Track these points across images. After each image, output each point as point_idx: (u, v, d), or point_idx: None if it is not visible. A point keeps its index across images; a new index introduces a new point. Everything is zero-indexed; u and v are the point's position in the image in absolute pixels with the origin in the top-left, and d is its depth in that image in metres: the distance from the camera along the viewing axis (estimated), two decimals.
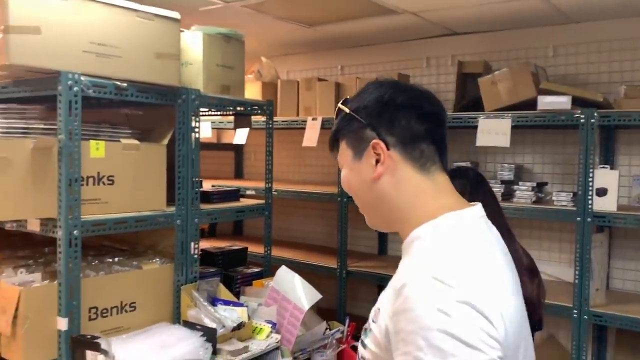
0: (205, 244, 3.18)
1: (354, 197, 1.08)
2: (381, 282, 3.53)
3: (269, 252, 2.78)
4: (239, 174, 4.73)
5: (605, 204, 2.61)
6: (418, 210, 1.00)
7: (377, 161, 1.01)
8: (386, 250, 3.94)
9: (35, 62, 1.83)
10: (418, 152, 1.02)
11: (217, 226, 4.54)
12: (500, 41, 3.38)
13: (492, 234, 1.03)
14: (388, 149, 1.01)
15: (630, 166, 3.01)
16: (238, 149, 4.67)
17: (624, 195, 2.95)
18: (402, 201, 1.02)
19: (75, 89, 1.88)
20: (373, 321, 0.96)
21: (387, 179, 1.02)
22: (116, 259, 2.27)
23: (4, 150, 1.82)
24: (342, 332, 2.47)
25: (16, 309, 1.84)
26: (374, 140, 1.01)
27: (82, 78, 1.90)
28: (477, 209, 1.02)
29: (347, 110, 1.06)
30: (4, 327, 1.86)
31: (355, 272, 3.48)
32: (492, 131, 2.81)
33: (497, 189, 3.00)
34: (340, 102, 1.09)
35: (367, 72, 3.92)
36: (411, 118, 1.02)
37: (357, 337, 2.56)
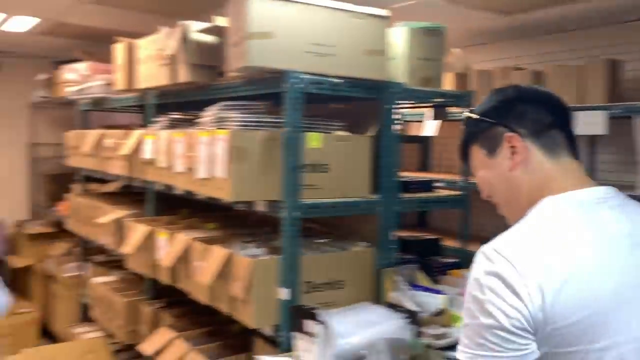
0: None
1: (493, 196, 1.18)
2: None
3: (464, 247, 2.80)
4: (424, 166, 4.78)
5: None
6: (544, 193, 1.08)
7: (513, 153, 1.12)
8: None
9: (268, 63, 2.09)
10: (550, 140, 1.12)
11: (403, 217, 4.64)
12: None
13: (611, 215, 1.06)
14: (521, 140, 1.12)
15: None
16: (425, 141, 4.71)
17: None
18: (534, 186, 1.10)
19: (299, 86, 2.10)
20: None
21: (522, 168, 1.12)
22: (324, 241, 2.48)
23: (242, 141, 2.11)
24: None
25: (248, 278, 2.13)
26: (508, 134, 1.12)
27: (304, 76, 2.12)
28: (597, 191, 1.08)
29: (475, 116, 1.18)
30: (238, 292, 2.16)
31: None
32: None
33: None
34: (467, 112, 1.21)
35: (570, 59, 3.68)
36: (540, 110, 1.13)
37: None
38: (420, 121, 4.18)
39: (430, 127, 3.85)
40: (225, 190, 2.13)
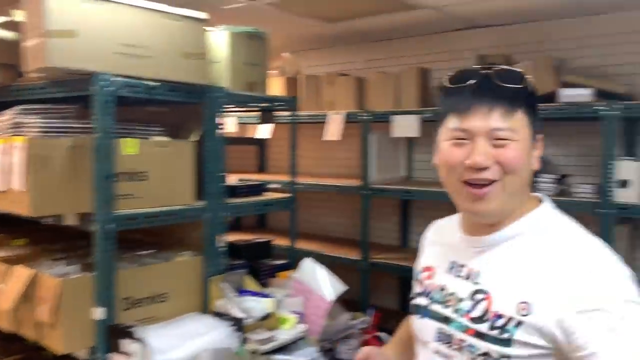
0: (230, 237, 3.26)
1: (514, 176, 1.02)
2: (403, 274, 3.58)
3: (293, 245, 2.85)
4: (262, 168, 4.81)
5: (627, 196, 2.62)
6: (527, 201, 1.09)
7: (536, 153, 1.08)
8: (407, 242, 3.98)
9: (71, 64, 1.92)
10: None
11: (242, 219, 4.63)
12: (521, 34, 3.38)
13: None
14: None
15: None
16: (262, 143, 4.74)
17: None
18: (527, 188, 1.09)
19: (109, 89, 1.96)
20: (523, 315, 0.96)
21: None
22: (147, 252, 2.36)
23: (44, 149, 1.91)
24: (367, 323, 2.53)
25: (56, 300, 1.94)
26: (541, 135, 1.08)
27: (115, 78, 1.99)
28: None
29: (532, 90, 1.06)
30: (45, 316, 1.96)
31: (378, 263, 3.54)
32: None
33: None
34: (522, 71, 1.05)
35: (389, 66, 3.95)
36: None
37: (381, 328, 2.62)
38: (258, 123, 4.20)
39: (264, 130, 3.88)
40: (24, 204, 1.91)
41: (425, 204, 3.81)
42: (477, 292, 1.05)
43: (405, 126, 3.30)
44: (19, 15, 2.23)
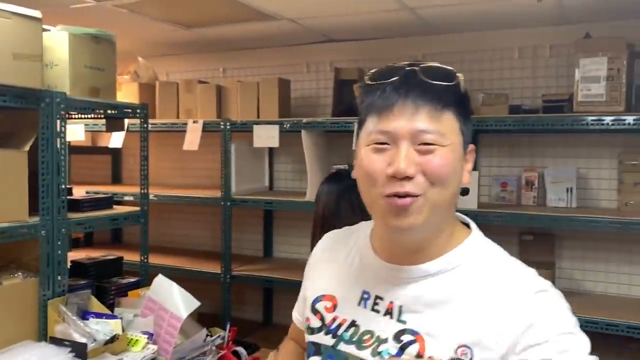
0: (79, 254, 3.01)
1: (442, 187, 0.87)
2: (267, 285, 3.56)
3: (146, 260, 2.70)
4: (117, 179, 4.53)
5: (467, 203, 2.84)
6: (454, 223, 0.96)
7: (467, 166, 0.94)
8: (272, 252, 3.97)
9: None
10: None
11: (94, 234, 4.31)
12: (373, 49, 3.55)
13: None
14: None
15: (491, 167, 3.30)
16: (116, 153, 4.46)
17: (485, 194, 3.23)
18: (453, 210, 0.95)
19: None
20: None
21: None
22: None
23: None
24: (223, 338, 2.46)
25: None
26: (472, 145, 0.95)
27: None
28: None
29: (463, 91, 0.92)
30: None
31: (239, 276, 3.48)
32: None
33: None
34: (453, 68, 0.92)
35: (249, 75, 3.93)
36: None
37: (238, 342, 2.56)
38: (107, 132, 3.94)
39: (116, 139, 3.65)
40: None
41: (288, 214, 3.83)
42: (403, 332, 0.89)
43: (266, 136, 3.29)
44: None
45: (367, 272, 0.98)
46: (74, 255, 2.83)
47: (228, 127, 3.41)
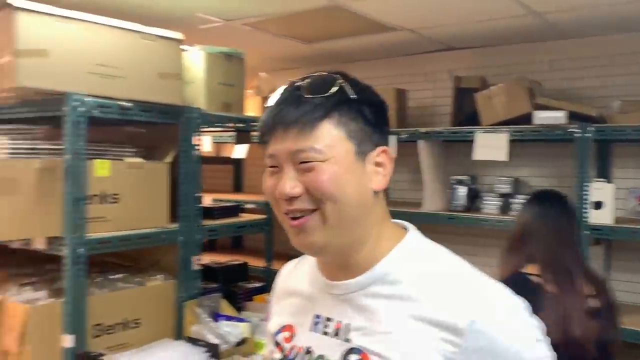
0: (205, 258, 3.20)
1: (333, 203, 0.85)
2: None
3: (269, 266, 2.81)
4: (238, 187, 4.76)
5: (601, 217, 2.64)
6: (383, 228, 0.92)
7: (379, 168, 0.89)
8: None
9: (43, 84, 1.88)
10: None
11: (217, 240, 4.56)
12: (496, 56, 3.43)
13: None
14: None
15: (626, 179, 3.05)
16: (237, 163, 4.70)
17: (620, 207, 2.99)
18: (375, 220, 0.91)
19: (81, 109, 1.92)
20: None
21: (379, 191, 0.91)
22: (120, 276, 2.29)
23: (11, 171, 1.85)
24: None
25: (23, 327, 1.87)
26: (383, 148, 0.90)
27: (88, 99, 1.94)
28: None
29: (353, 96, 0.88)
30: (10, 345, 1.88)
31: None
32: (489, 145, 2.85)
33: (495, 202, 3.04)
34: (338, 77, 0.90)
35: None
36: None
37: None
38: (232, 143, 4.17)
39: (240, 150, 3.84)
40: None
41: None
42: (350, 351, 0.86)
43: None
44: None
45: (317, 294, 0.96)
46: (202, 259, 3.02)
47: None
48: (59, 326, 1.92)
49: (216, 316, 2.34)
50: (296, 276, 1.05)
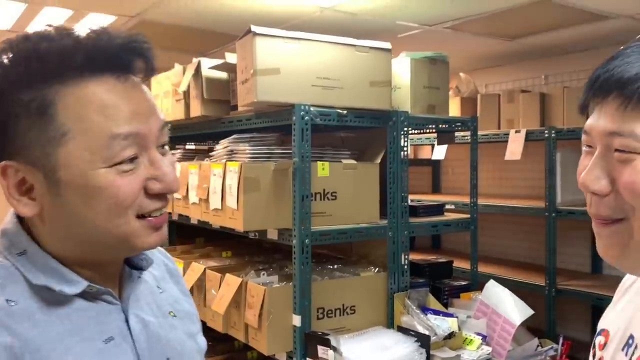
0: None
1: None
2: (596, 303, 3.31)
3: (475, 266, 2.83)
4: (436, 189, 4.82)
5: None
6: None
7: None
8: (601, 269, 3.67)
9: (276, 97, 2.19)
10: None
11: (416, 240, 4.68)
12: None
13: None
14: None
15: None
16: (435, 164, 4.76)
17: None
18: None
19: (307, 118, 2.19)
20: None
21: None
22: (337, 266, 2.53)
23: (253, 172, 2.19)
24: (556, 350, 2.41)
25: (261, 306, 2.19)
26: None
27: (312, 109, 2.20)
28: None
29: None
30: (252, 320, 2.22)
31: (565, 290, 3.33)
32: None
33: None
34: None
35: (574, 79, 3.73)
36: None
37: (571, 357, 2.46)
38: (431, 145, 4.26)
39: (439, 151, 3.91)
40: (238, 220, 2.20)
41: None
42: None
43: None
44: (231, 57, 2.59)
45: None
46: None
47: (553, 135, 3.31)
48: (289, 307, 2.21)
49: (424, 309, 2.44)
50: None
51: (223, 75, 2.67)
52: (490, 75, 4.33)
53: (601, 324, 0.86)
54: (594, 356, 0.83)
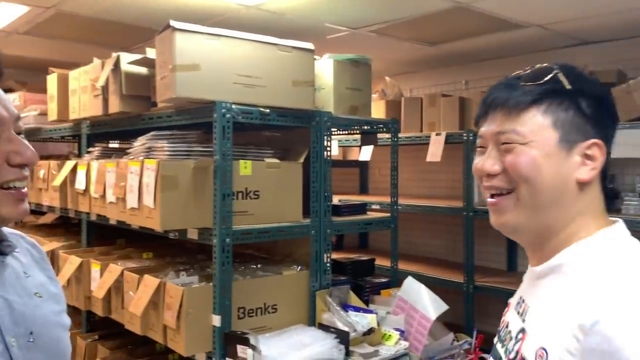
0: (334, 255, 3.37)
1: (528, 185, 0.89)
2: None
3: (395, 264, 2.90)
4: (363, 189, 4.91)
5: None
6: (586, 221, 0.91)
7: (587, 160, 0.90)
8: (516, 266, 3.86)
9: (196, 94, 2.15)
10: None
11: (344, 239, 4.75)
12: (634, 48, 3.22)
13: None
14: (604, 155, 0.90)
15: None
16: (362, 166, 4.85)
17: None
18: (577, 211, 0.91)
19: (228, 116, 2.17)
20: None
21: (588, 183, 0.90)
22: (259, 265, 2.52)
23: (172, 170, 2.15)
24: (470, 344, 2.51)
25: (180, 306, 2.15)
26: (595, 141, 0.90)
27: (233, 106, 2.19)
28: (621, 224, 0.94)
29: (567, 87, 0.91)
30: (170, 321, 2.17)
31: (483, 287, 3.47)
32: (628, 142, 2.70)
33: (636, 203, 2.86)
34: (556, 67, 0.94)
35: (491, 85, 3.91)
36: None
37: (485, 350, 2.58)
38: (359, 146, 4.33)
39: (365, 153, 3.99)
40: (155, 220, 2.15)
41: None
42: (520, 330, 0.93)
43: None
44: (151, 53, 2.52)
45: (527, 279, 1.03)
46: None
47: (471, 138, 3.45)
48: (209, 307, 2.18)
49: (345, 306, 2.48)
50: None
51: (143, 70, 2.60)
52: (415, 79, 4.47)
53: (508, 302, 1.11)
54: (501, 324, 1.06)
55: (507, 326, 1.01)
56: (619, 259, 0.86)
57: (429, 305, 2.39)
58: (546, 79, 0.92)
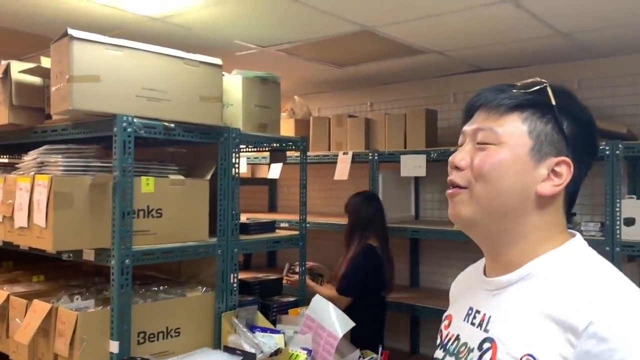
0: (241, 275, 3.31)
1: (484, 184, 0.92)
2: (414, 313, 3.58)
3: (303, 283, 2.90)
4: (272, 207, 4.89)
5: (633, 234, 2.65)
6: (549, 235, 0.94)
7: (553, 177, 0.92)
8: (418, 282, 3.99)
9: (95, 106, 2.04)
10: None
11: (252, 259, 4.68)
12: (524, 76, 3.48)
13: None
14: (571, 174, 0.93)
15: None
16: (272, 184, 4.84)
17: None
18: (538, 223, 0.93)
19: (129, 130, 2.07)
20: None
21: (550, 199, 0.93)
22: (162, 287, 2.41)
23: (66, 186, 2.01)
24: None
25: (73, 333, 2.00)
26: (564, 159, 0.93)
27: (135, 120, 2.09)
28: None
29: (552, 102, 0.94)
30: (62, 349, 2.01)
31: (388, 303, 3.55)
32: None
33: None
34: (546, 82, 0.97)
35: (396, 108, 4.07)
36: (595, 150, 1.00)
37: None
38: (268, 164, 4.31)
39: (274, 170, 3.98)
40: (46, 240, 1.99)
41: (434, 244, 3.84)
42: (485, 340, 0.93)
43: (413, 166, 3.38)
44: (47, 62, 2.37)
45: (475, 289, 1.04)
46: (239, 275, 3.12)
47: (376, 157, 3.55)
48: (106, 333, 2.04)
49: (252, 327, 2.43)
50: (465, 278, 1.14)
51: (37, 80, 2.43)
52: (323, 99, 4.54)
53: (444, 316, 1.11)
54: (442, 337, 1.07)
55: (456, 339, 1.01)
56: (598, 265, 0.91)
57: (336, 323, 2.39)
58: (534, 89, 0.96)
